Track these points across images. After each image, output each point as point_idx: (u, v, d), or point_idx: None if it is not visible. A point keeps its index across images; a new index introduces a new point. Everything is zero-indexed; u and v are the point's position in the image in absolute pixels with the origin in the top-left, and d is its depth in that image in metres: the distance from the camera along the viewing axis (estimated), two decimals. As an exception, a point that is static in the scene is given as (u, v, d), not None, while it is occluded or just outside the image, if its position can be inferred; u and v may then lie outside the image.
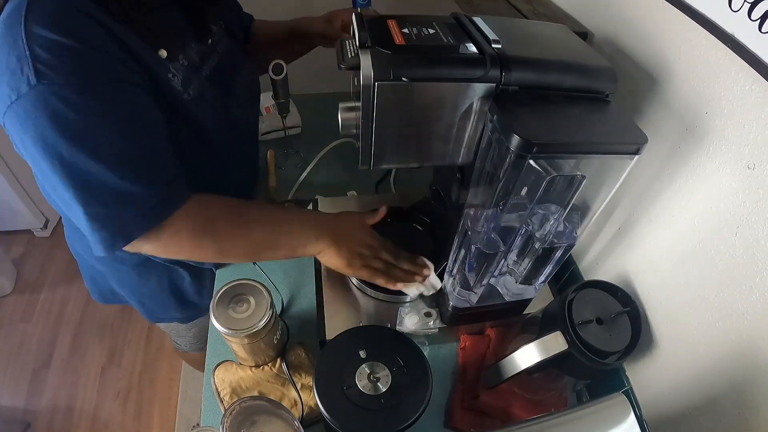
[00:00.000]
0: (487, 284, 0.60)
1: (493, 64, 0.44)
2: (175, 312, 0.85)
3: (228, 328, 0.58)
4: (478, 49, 0.46)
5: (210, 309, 0.59)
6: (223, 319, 0.58)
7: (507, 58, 0.45)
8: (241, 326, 0.58)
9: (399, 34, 0.46)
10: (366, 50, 0.43)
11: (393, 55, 0.43)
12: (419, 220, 0.79)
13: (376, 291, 0.70)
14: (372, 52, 0.43)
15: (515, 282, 0.61)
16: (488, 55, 0.45)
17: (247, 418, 0.51)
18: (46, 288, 1.84)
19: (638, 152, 0.44)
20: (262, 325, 0.58)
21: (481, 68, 0.44)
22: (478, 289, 0.60)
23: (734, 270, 0.47)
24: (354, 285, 0.73)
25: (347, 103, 0.50)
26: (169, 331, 1.00)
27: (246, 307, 0.60)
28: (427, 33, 0.47)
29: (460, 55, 0.45)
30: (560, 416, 0.46)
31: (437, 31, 0.48)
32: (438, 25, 0.49)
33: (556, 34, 0.55)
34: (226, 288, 0.61)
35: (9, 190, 1.70)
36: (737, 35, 0.42)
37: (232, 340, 0.60)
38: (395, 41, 0.45)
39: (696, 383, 0.53)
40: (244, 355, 0.65)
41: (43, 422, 1.50)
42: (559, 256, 0.56)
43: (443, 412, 0.66)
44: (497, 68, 0.44)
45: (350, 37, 0.48)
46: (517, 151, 0.41)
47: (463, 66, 0.45)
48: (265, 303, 0.60)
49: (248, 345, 0.61)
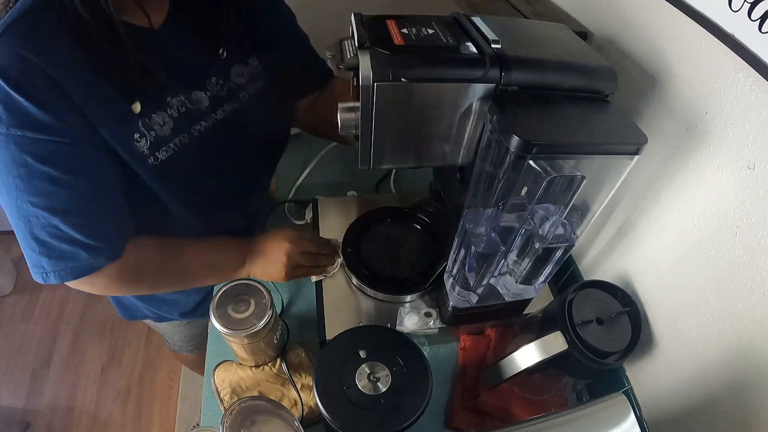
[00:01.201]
0: (487, 284, 0.60)
1: (493, 65, 0.44)
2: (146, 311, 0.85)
3: (228, 328, 0.58)
4: (477, 49, 0.46)
5: (210, 309, 0.59)
6: (223, 319, 0.59)
7: (506, 59, 0.45)
8: (241, 326, 0.58)
9: (398, 34, 0.46)
10: (365, 51, 0.43)
11: (392, 56, 0.43)
12: (419, 221, 0.79)
13: (376, 291, 0.71)
14: (371, 53, 0.43)
15: (515, 282, 0.61)
16: (487, 56, 0.44)
17: (247, 418, 0.51)
18: (46, 288, 1.84)
19: (638, 152, 0.44)
20: (262, 325, 0.58)
21: (481, 68, 0.44)
22: (478, 289, 0.60)
23: (734, 270, 0.47)
24: (354, 285, 0.73)
25: (347, 104, 0.49)
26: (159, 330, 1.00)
27: (246, 307, 0.60)
28: (426, 33, 0.47)
29: (459, 55, 0.45)
30: (560, 416, 0.46)
31: (436, 31, 0.48)
32: (437, 25, 0.49)
33: (556, 34, 0.55)
34: (226, 288, 0.61)
35: (9, 190, 1.71)
36: (737, 35, 0.42)
37: (232, 340, 0.60)
38: (394, 41, 0.45)
39: (696, 383, 0.53)
40: (244, 355, 0.65)
41: (43, 422, 1.50)
42: (559, 256, 0.56)
43: (443, 412, 0.66)
44: (497, 68, 0.44)
45: (349, 38, 0.48)
46: (516, 151, 0.41)
47: (462, 66, 0.45)
48: (265, 303, 0.60)
49: (248, 345, 0.61)
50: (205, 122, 0.61)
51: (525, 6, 0.76)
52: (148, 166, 0.56)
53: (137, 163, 0.56)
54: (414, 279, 0.72)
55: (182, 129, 0.59)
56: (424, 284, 0.70)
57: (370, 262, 0.74)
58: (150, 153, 0.56)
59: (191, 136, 0.60)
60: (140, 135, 0.54)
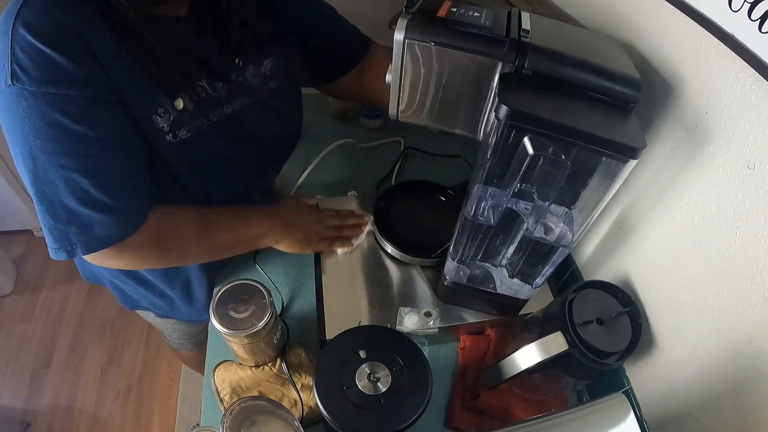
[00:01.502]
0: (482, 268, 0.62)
1: (512, 47, 0.48)
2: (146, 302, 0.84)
3: (228, 328, 0.58)
4: (507, 34, 0.49)
5: (210, 309, 0.59)
6: (223, 320, 0.59)
7: (526, 45, 0.48)
8: (241, 326, 0.58)
9: (446, 10, 0.51)
10: (407, 14, 0.49)
11: (427, 22, 0.49)
12: (444, 192, 0.85)
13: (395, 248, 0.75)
14: (412, 17, 0.49)
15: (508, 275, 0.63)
16: (510, 39, 0.48)
17: (247, 418, 0.51)
18: (46, 288, 1.84)
19: (634, 156, 0.43)
20: (261, 325, 0.58)
21: (500, 48, 0.48)
22: (472, 267, 0.62)
23: (734, 270, 0.47)
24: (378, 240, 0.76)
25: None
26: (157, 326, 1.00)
27: (246, 307, 0.60)
28: (472, 15, 0.52)
29: (485, 34, 0.49)
30: (560, 416, 0.46)
31: (480, 15, 0.52)
32: (486, 11, 0.53)
33: (599, 41, 0.57)
34: (226, 288, 0.61)
35: (9, 190, 1.70)
36: (737, 35, 0.42)
37: (232, 340, 0.60)
38: (438, 14, 0.50)
39: (696, 383, 0.53)
40: (244, 355, 0.65)
41: (43, 422, 1.50)
42: (554, 258, 0.56)
43: (443, 412, 0.66)
44: (514, 50, 0.48)
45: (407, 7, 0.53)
46: (503, 119, 0.43)
47: (483, 43, 0.49)
48: (265, 303, 0.60)
49: (248, 345, 0.61)
50: (223, 111, 0.62)
51: (525, 6, 0.76)
52: (165, 143, 0.57)
53: (155, 137, 0.56)
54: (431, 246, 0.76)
55: (201, 113, 0.59)
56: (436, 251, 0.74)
57: (396, 223, 0.79)
58: (169, 130, 0.56)
59: (210, 121, 0.61)
60: (164, 111, 0.55)
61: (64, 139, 0.48)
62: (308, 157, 1.00)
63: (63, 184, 0.50)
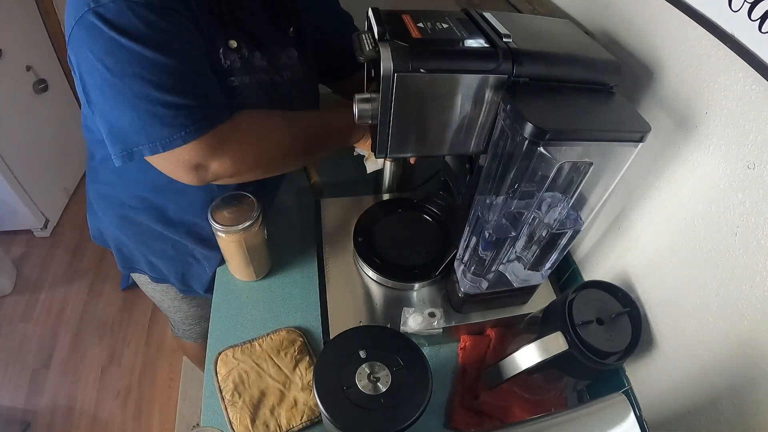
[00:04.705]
0: (496, 271, 0.61)
1: (506, 58, 0.47)
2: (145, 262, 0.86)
3: (224, 225, 0.67)
4: (489, 43, 0.48)
5: (208, 213, 0.68)
6: (220, 219, 0.68)
7: (518, 52, 0.47)
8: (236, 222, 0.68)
9: (415, 28, 0.48)
10: (385, 43, 0.45)
11: (411, 48, 0.45)
12: (428, 212, 0.82)
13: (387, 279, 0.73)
14: (391, 45, 0.45)
15: (524, 268, 0.62)
16: (500, 49, 0.47)
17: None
18: (46, 288, 1.84)
19: (642, 140, 0.45)
20: (255, 216, 0.68)
21: (494, 61, 0.46)
22: (488, 275, 0.61)
23: (734, 270, 0.47)
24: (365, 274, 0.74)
25: (363, 95, 0.52)
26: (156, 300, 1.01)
27: (239, 208, 0.70)
28: (441, 27, 0.50)
29: (474, 48, 0.48)
30: (560, 416, 0.46)
31: (450, 26, 0.50)
32: (450, 20, 0.52)
33: (563, 29, 0.57)
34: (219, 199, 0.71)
35: (9, 190, 1.71)
36: (737, 35, 0.42)
37: (228, 239, 0.69)
38: (412, 35, 0.47)
39: (696, 383, 0.53)
40: (240, 261, 0.73)
41: (43, 422, 1.50)
42: (566, 242, 0.56)
43: (443, 412, 0.66)
44: (509, 61, 0.47)
45: (366, 31, 0.50)
46: (530, 138, 0.42)
47: (477, 59, 0.47)
48: (252, 202, 0.70)
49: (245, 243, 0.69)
50: (260, 76, 0.66)
51: (525, 5, 0.76)
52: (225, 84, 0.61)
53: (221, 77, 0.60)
54: (424, 268, 0.74)
55: (245, 70, 0.63)
56: (434, 272, 0.72)
57: (381, 251, 0.75)
58: (229, 73, 0.61)
59: (252, 80, 0.64)
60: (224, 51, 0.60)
61: (151, 46, 0.51)
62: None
63: (161, 71, 0.52)
